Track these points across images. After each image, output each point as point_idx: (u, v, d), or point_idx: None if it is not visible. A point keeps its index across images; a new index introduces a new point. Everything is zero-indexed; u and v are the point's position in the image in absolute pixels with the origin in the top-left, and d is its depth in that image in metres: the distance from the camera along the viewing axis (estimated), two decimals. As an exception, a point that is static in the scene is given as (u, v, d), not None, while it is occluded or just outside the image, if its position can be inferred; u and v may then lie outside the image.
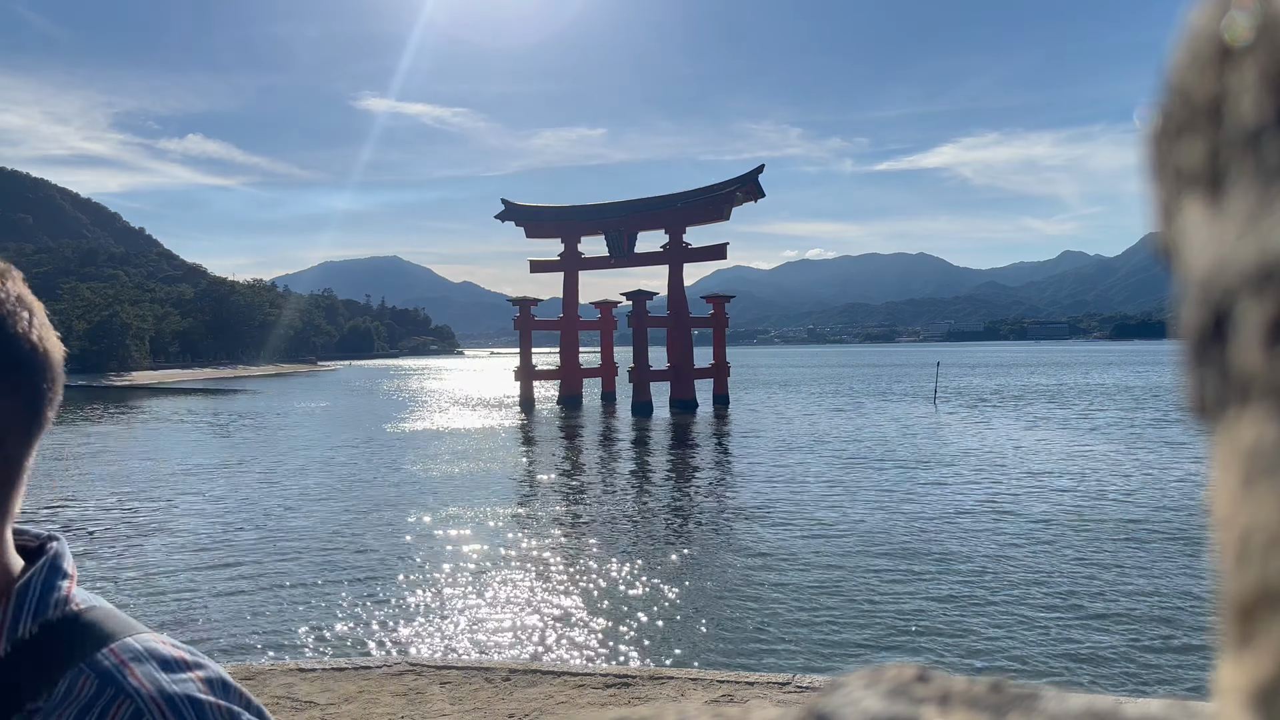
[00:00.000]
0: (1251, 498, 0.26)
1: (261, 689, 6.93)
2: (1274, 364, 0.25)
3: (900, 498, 21.57)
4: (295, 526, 19.09)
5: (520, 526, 18.95)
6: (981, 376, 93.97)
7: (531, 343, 59.55)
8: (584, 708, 6.45)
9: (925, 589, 13.44)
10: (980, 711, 0.39)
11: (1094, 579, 13.84)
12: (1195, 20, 0.30)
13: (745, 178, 55.04)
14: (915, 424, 42.05)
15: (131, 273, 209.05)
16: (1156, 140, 0.32)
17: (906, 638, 11.30)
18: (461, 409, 57.69)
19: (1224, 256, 0.27)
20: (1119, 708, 0.39)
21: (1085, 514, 19.05)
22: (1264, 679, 0.25)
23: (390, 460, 30.95)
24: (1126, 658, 10.49)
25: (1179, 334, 0.29)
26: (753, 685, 6.89)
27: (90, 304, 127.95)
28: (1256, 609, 0.25)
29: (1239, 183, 0.27)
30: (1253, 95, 0.27)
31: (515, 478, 27.09)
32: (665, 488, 24.73)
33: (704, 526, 18.86)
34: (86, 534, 18.55)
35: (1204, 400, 0.28)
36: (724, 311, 57.55)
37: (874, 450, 31.45)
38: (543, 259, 61.21)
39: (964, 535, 17.15)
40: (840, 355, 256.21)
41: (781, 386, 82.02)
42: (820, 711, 0.41)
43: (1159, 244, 0.32)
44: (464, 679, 7.11)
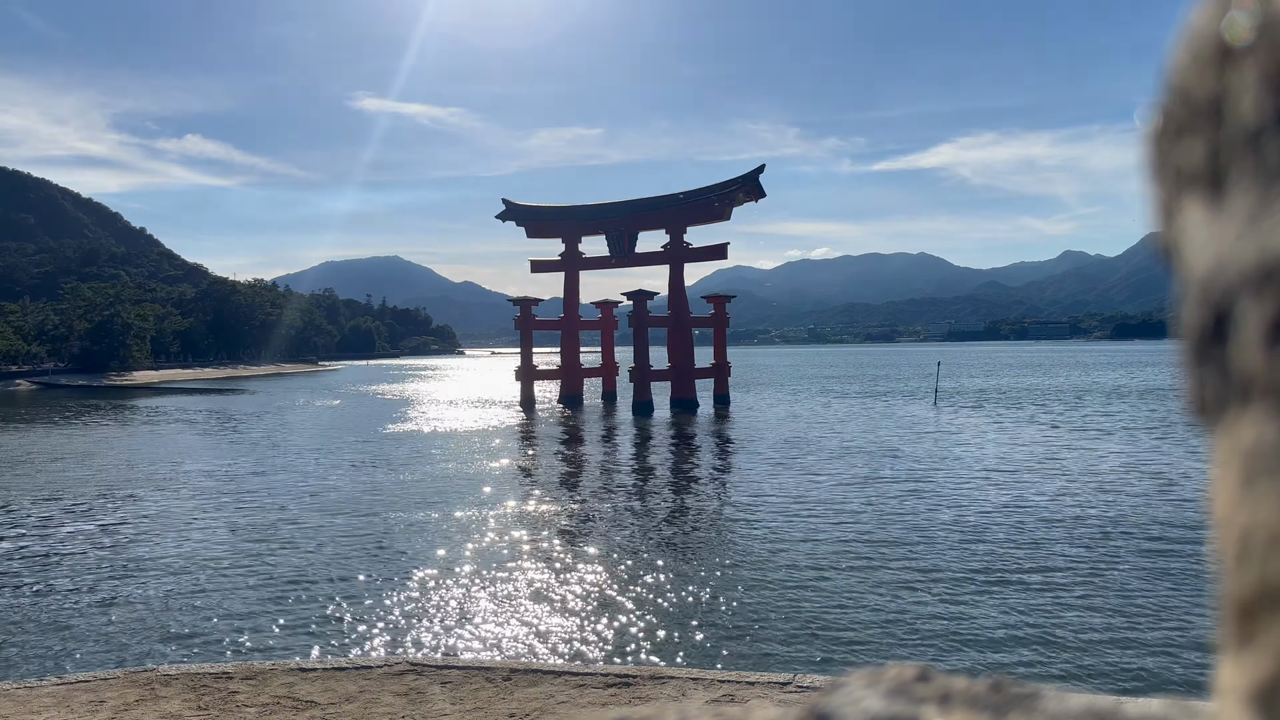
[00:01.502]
0: (1252, 497, 0.26)
1: (262, 689, 6.94)
2: (1274, 364, 0.25)
3: (901, 498, 21.57)
4: (296, 526, 19.10)
5: (521, 526, 18.96)
6: (982, 376, 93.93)
7: (532, 342, 59.56)
8: (585, 707, 6.46)
9: (926, 589, 13.44)
10: (980, 711, 0.39)
11: (1095, 578, 13.84)
12: (1195, 20, 0.30)
13: (746, 178, 55.01)
14: (915, 424, 42.04)
15: (133, 273, 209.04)
16: (1157, 140, 0.32)
17: (907, 637, 11.30)
18: (462, 409, 57.70)
19: (1224, 256, 0.27)
20: (1119, 707, 0.39)
21: (1086, 513, 19.05)
22: (1264, 678, 0.25)
23: (390, 460, 30.95)
24: (1127, 657, 10.49)
25: (1179, 334, 0.29)
26: (753, 685, 6.89)
27: (91, 304, 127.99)
28: (1257, 608, 0.25)
29: (1239, 183, 0.27)
30: (1253, 95, 0.27)
31: (516, 477, 27.09)
32: (666, 488, 24.73)
33: (705, 526, 18.86)
34: (87, 533, 18.56)
35: (1204, 400, 0.28)
36: (724, 311, 57.52)
37: (874, 450, 31.44)
38: (544, 259, 61.19)
39: (964, 535, 17.15)
40: (841, 355, 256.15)
41: (782, 386, 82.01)
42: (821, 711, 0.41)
43: (1159, 244, 0.32)
44: (464, 679, 7.11)
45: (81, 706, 6.65)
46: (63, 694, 6.90)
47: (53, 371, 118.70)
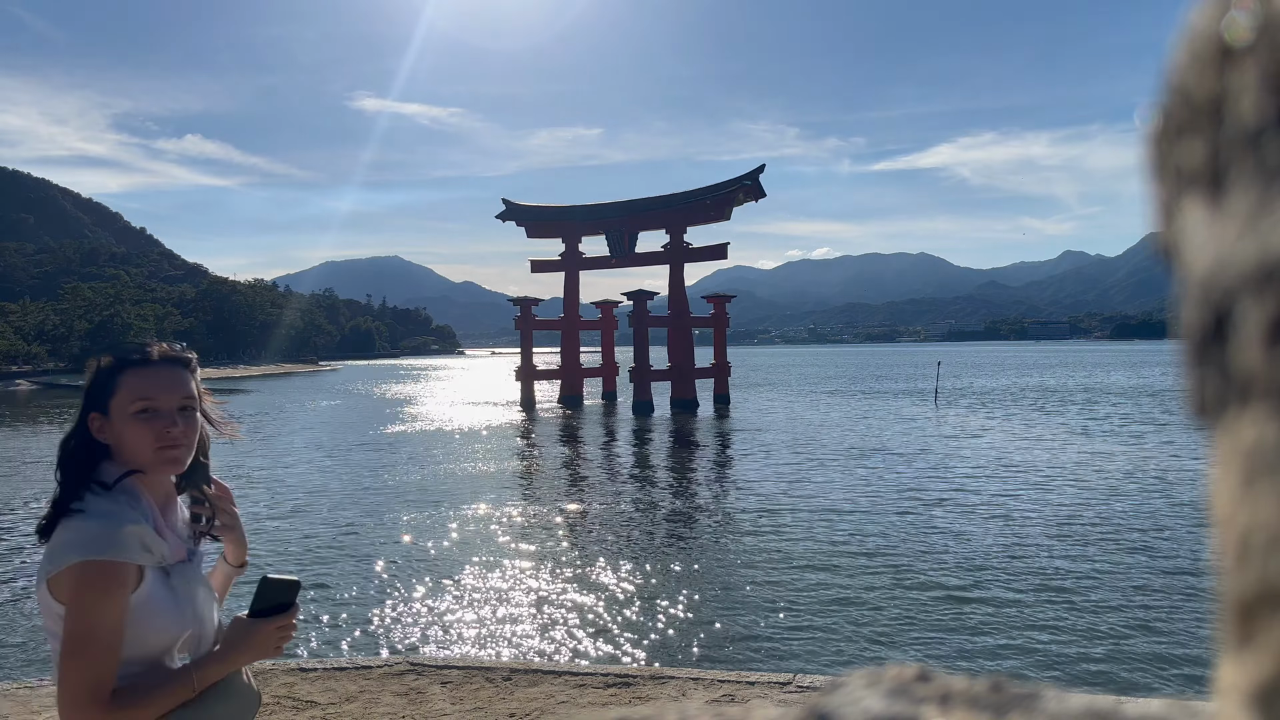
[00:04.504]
0: (1252, 497, 0.26)
1: (262, 689, 6.93)
2: (1274, 364, 0.25)
3: (901, 497, 21.57)
4: (294, 525, 19.10)
5: (521, 526, 18.96)
6: (982, 376, 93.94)
7: (532, 342, 59.55)
8: (585, 707, 6.46)
9: (926, 589, 13.44)
10: (981, 711, 0.39)
11: (1095, 578, 13.84)
12: (1195, 20, 0.30)
13: (746, 177, 54.99)
14: (917, 424, 42.04)
15: (133, 272, 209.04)
16: (1157, 140, 0.32)
17: (907, 638, 11.30)
18: (462, 409, 57.70)
19: (1224, 256, 0.27)
20: (1119, 707, 0.39)
21: (1087, 514, 19.05)
22: (1265, 678, 0.25)
23: (390, 460, 30.96)
24: (1127, 657, 10.49)
25: (1179, 334, 0.29)
26: (754, 685, 6.88)
27: (92, 304, 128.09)
28: (1257, 608, 0.25)
29: (1239, 183, 0.27)
30: (1253, 95, 0.27)
31: (516, 477, 27.09)
32: (666, 488, 24.73)
33: (705, 526, 18.86)
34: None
35: (1204, 400, 0.28)
36: (725, 311, 57.50)
37: (875, 450, 31.44)
38: (544, 259, 61.17)
39: (965, 534, 17.15)
40: (841, 355, 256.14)
41: (782, 386, 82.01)
42: (821, 711, 0.41)
43: (1160, 244, 0.32)
44: (465, 678, 7.11)
45: (81, 706, 6.64)
46: (63, 694, 6.89)
47: (53, 371, 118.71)
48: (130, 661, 2.15)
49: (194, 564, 2.39)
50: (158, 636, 2.20)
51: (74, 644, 2.07)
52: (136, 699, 2.11)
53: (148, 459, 2.29)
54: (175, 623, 2.23)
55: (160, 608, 2.20)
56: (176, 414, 2.34)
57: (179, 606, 2.25)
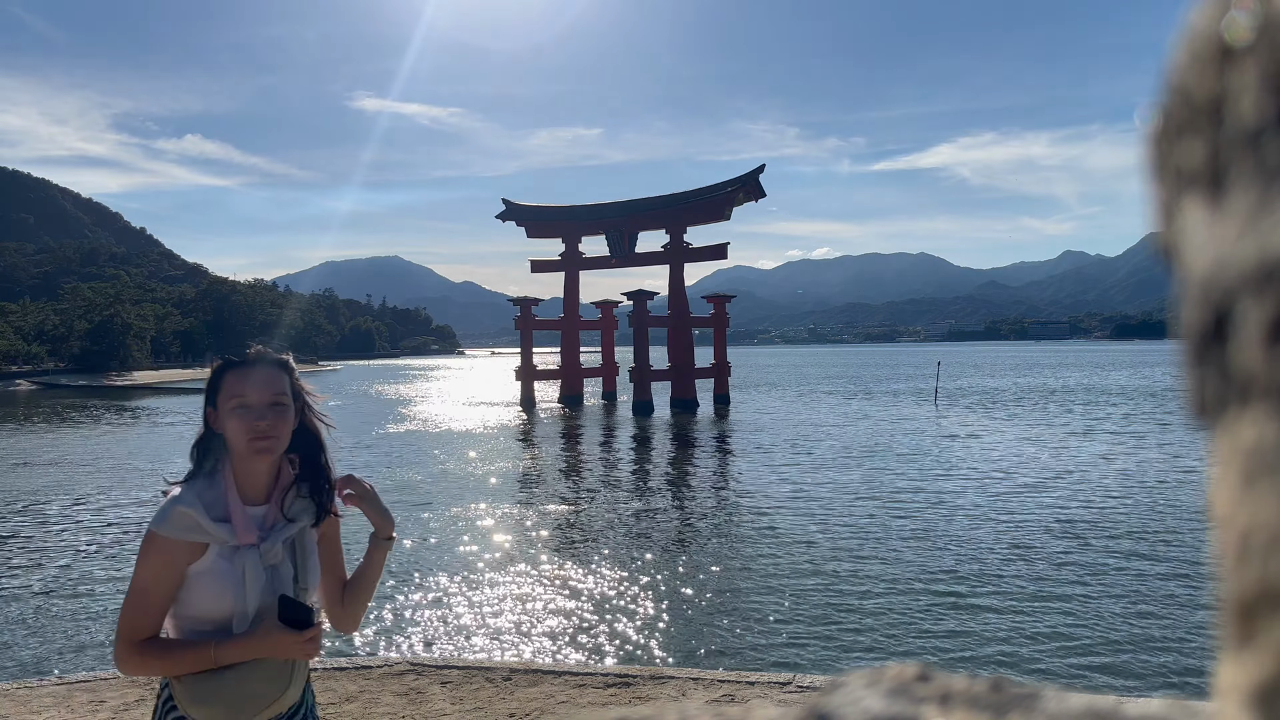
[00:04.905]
0: (1252, 497, 0.26)
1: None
2: (1274, 364, 0.25)
3: (902, 498, 21.56)
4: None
5: (521, 526, 18.96)
6: (983, 376, 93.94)
7: (532, 342, 59.55)
8: (585, 707, 6.45)
9: (926, 589, 13.43)
10: (981, 711, 0.39)
11: (1095, 578, 13.83)
12: (1195, 20, 0.30)
13: (746, 177, 54.99)
14: (917, 424, 42.03)
15: (133, 272, 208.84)
16: (1157, 140, 0.32)
17: (908, 638, 11.30)
18: (462, 409, 57.68)
19: (1224, 256, 0.27)
20: (1119, 708, 0.38)
21: (1088, 514, 19.04)
22: (1265, 679, 0.25)
23: (390, 459, 30.95)
24: (1127, 657, 10.49)
25: (1179, 334, 0.29)
26: (754, 685, 6.88)
27: (91, 304, 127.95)
28: (1257, 608, 0.25)
29: (1239, 183, 0.27)
30: (1253, 95, 0.27)
31: (516, 477, 27.09)
32: (666, 488, 24.73)
33: (705, 526, 18.86)
34: (88, 533, 18.56)
35: (1205, 400, 0.28)
36: (725, 311, 57.49)
37: (875, 450, 31.43)
38: (543, 259, 61.16)
39: (966, 534, 17.14)
40: (841, 355, 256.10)
41: (782, 386, 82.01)
42: (821, 711, 0.41)
43: (1160, 244, 0.32)
44: (465, 678, 7.11)
45: (81, 706, 6.65)
46: (63, 694, 6.90)
47: (53, 371, 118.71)
48: (191, 619, 2.54)
49: (268, 548, 2.63)
50: (207, 605, 2.53)
51: (128, 592, 2.52)
52: (159, 651, 2.49)
53: (242, 449, 2.61)
54: (223, 597, 2.54)
55: (214, 581, 2.53)
56: (267, 409, 2.65)
57: (231, 585, 2.54)
